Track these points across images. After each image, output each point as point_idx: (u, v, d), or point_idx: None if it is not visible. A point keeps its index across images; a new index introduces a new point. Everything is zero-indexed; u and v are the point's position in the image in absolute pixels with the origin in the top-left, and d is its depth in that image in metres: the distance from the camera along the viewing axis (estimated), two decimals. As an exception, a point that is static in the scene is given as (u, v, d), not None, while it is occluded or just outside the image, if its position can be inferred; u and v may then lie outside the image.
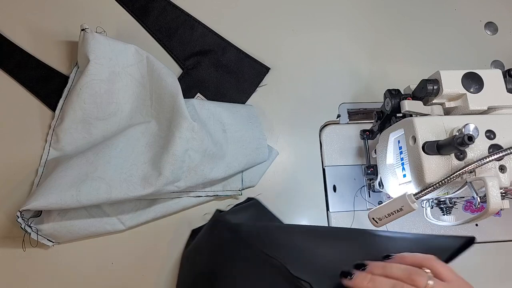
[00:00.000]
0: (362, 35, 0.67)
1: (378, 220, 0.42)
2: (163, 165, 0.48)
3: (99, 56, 0.52)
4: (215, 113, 0.56)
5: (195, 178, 0.50)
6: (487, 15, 0.71)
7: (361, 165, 0.59)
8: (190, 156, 0.49)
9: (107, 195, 0.46)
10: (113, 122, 0.54)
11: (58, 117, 0.54)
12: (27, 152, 0.54)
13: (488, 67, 0.68)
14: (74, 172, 0.47)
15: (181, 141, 0.48)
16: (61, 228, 0.49)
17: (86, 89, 0.51)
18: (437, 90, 0.44)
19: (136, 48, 0.54)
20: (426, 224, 0.57)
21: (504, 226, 0.59)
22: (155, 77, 0.54)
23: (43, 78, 0.57)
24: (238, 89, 0.61)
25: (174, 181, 0.49)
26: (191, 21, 0.63)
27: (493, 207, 0.37)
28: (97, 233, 0.51)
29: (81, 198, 0.45)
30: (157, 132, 0.53)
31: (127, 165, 0.49)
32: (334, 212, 0.57)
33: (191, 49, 0.62)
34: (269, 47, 0.64)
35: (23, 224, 0.46)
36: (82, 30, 0.52)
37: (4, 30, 0.58)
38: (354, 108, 0.63)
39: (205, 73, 0.61)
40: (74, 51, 0.58)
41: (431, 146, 0.39)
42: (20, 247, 0.50)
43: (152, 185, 0.47)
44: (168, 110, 0.52)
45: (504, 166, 0.40)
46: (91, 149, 0.50)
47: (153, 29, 0.62)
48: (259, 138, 0.57)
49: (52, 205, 0.44)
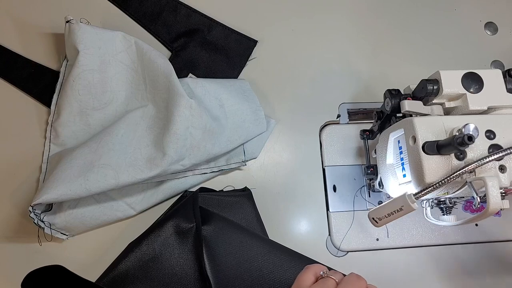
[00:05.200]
0: (362, 35, 0.67)
1: (378, 220, 0.42)
2: (166, 145, 0.48)
3: (88, 46, 0.51)
4: (210, 90, 0.56)
5: (199, 154, 0.51)
6: (487, 15, 0.71)
7: (361, 165, 0.59)
8: (192, 133, 0.50)
9: (115, 180, 0.46)
10: (110, 110, 0.54)
11: (54, 112, 0.54)
12: (28, 151, 0.54)
13: (488, 67, 0.68)
14: (79, 162, 0.47)
15: (181, 119, 0.49)
16: (73, 220, 0.49)
17: (79, 80, 0.51)
18: (437, 90, 0.44)
19: (123, 34, 0.54)
20: (426, 224, 0.57)
21: (504, 226, 0.59)
22: (146, 60, 0.53)
23: (34, 76, 0.57)
24: (229, 65, 0.62)
25: (179, 160, 0.49)
26: (174, 3, 0.62)
27: (493, 207, 0.37)
28: (109, 221, 0.52)
29: (90, 186, 0.45)
30: (156, 114, 0.53)
31: (131, 149, 0.49)
32: (334, 212, 0.57)
33: (177, 31, 0.62)
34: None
35: (36, 219, 0.46)
36: (67, 22, 0.51)
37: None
38: (354, 108, 0.63)
39: (194, 53, 0.61)
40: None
41: (431, 146, 0.39)
42: (36, 242, 0.50)
43: (158, 166, 0.48)
44: (164, 91, 0.52)
45: (504, 166, 0.40)
46: (93, 138, 0.50)
47: (136, 15, 0.62)
48: (256, 110, 0.57)
49: (62, 196, 0.44)
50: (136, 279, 0.46)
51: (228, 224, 0.50)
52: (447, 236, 0.58)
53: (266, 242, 0.50)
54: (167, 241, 0.48)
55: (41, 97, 0.56)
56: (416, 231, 0.57)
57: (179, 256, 0.47)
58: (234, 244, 0.48)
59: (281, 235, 0.55)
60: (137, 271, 0.46)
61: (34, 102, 0.56)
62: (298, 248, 0.51)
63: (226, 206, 0.54)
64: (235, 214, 0.53)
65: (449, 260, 0.58)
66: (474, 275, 0.57)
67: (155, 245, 0.47)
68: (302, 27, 0.66)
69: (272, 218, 0.56)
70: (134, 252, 0.47)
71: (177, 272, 0.47)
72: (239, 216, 0.54)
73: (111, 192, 0.52)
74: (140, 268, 0.46)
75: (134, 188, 0.53)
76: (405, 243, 0.57)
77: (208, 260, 0.47)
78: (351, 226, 0.56)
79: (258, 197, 0.56)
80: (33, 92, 0.57)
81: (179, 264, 0.47)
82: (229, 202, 0.54)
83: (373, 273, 0.55)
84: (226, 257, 0.47)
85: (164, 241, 0.48)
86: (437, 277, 0.57)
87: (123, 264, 0.46)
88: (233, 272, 0.47)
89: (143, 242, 0.47)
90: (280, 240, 0.52)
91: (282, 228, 0.56)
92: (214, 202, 0.53)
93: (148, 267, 0.46)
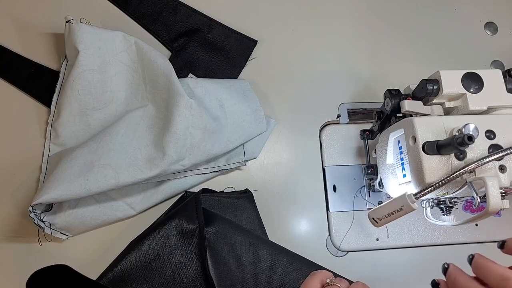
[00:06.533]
0: (362, 35, 0.67)
1: (378, 220, 0.42)
2: (166, 145, 0.48)
3: (88, 46, 0.51)
4: (209, 90, 0.56)
5: (199, 154, 0.51)
6: (487, 15, 0.71)
7: (361, 165, 0.59)
8: (192, 133, 0.50)
9: (115, 180, 0.46)
10: (110, 110, 0.54)
11: (54, 112, 0.54)
12: (28, 151, 0.54)
13: (488, 67, 0.68)
14: (79, 162, 0.47)
15: (181, 119, 0.49)
16: (73, 220, 0.49)
17: (79, 80, 0.51)
18: (437, 90, 0.44)
19: (123, 34, 0.54)
20: (426, 224, 0.57)
21: (504, 226, 0.59)
22: (146, 60, 0.53)
23: (34, 76, 0.57)
24: (229, 65, 0.62)
25: (179, 160, 0.50)
26: (174, 3, 0.62)
27: (493, 207, 0.37)
28: (108, 221, 0.52)
29: (90, 186, 0.45)
30: (156, 114, 0.53)
31: (131, 149, 0.49)
32: (334, 212, 0.57)
33: (177, 31, 0.62)
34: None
35: (36, 219, 0.46)
36: (67, 22, 0.51)
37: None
38: (354, 108, 0.63)
39: (194, 53, 0.61)
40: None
41: (431, 146, 0.39)
42: (36, 242, 0.50)
43: (158, 166, 0.48)
44: (164, 91, 0.52)
45: (504, 166, 0.40)
46: (92, 138, 0.50)
47: (136, 15, 0.62)
48: (256, 110, 0.57)
49: (62, 196, 0.44)
50: (136, 279, 0.46)
51: (231, 225, 0.50)
52: (447, 236, 0.58)
53: (269, 244, 0.50)
54: (170, 242, 0.48)
55: (41, 97, 0.56)
56: (416, 231, 0.57)
57: (182, 257, 0.47)
58: (237, 246, 0.48)
59: (281, 235, 0.55)
60: (138, 271, 0.46)
61: (34, 102, 0.56)
62: (298, 248, 0.51)
63: (228, 207, 0.54)
64: (236, 216, 0.53)
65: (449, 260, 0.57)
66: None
67: (157, 245, 0.47)
68: (302, 27, 0.66)
69: (272, 218, 0.56)
70: (135, 252, 0.47)
71: (179, 273, 0.47)
72: (240, 218, 0.53)
73: (111, 192, 0.52)
74: (141, 268, 0.46)
75: (134, 188, 0.53)
76: (405, 243, 0.57)
77: (211, 261, 0.47)
78: (351, 226, 0.56)
79: (258, 197, 0.56)
80: (33, 92, 0.56)
81: (181, 265, 0.47)
82: (231, 203, 0.54)
83: (373, 273, 0.55)
84: (228, 258, 0.47)
85: (166, 242, 0.48)
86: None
87: (123, 263, 0.46)
88: (235, 274, 0.47)
89: (145, 242, 0.47)
90: (280, 240, 0.52)
91: (282, 228, 0.56)
92: (215, 204, 0.53)
93: (149, 267, 0.46)
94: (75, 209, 0.50)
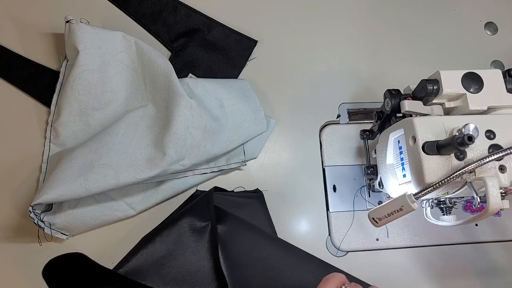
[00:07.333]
0: (362, 35, 0.67)
1: (378, 220, 0.42)
2: (166, 145, 0.48)
3: (88, 46, 0.51)
4: (209, 90, 0.56)
5: (199, 154, 0.51)
6: (487, 15, 0.71)
7: (361, 165, 0.59)
8: (192, 133, 0.50)
9: (115, 180, 0.46)
10: (110, 110, 0.54)
11: (54, 112, 0.54)
12: (28, 151, 0.54)
13: (488, 67, 0.68)
14: (79, 162, 0.47)
15: (181, 119, 0.49)
16: (73, 220, 0.49)
17: (79, 80, 0.51)
18: (437, 90, 0.44)
19: (123, 34, 0.54)
20: (426, 224, 0.57)
21: (504, 226, 0.59)
22: (146, 60, 0.53)
23: (34, 76, 0.57)
24: (229, 65, 0.62)
25: (179, 160, 0.50)
26: (174, 3, 0.62)
27: (493, 207, 0.37)
28: (108, 221, 0.52)
29: (90, 186, 0.45)
30: (156, 114, 0.53)
31: (131, 149, 0.49)
32: (334, 212, 0.57)
33: (177, 31, 0.62)
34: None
35: (36, 219, 0.46)
36: (67, 22, 0.51)
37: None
38: (354, 108, 0.63)
39: (194, 53, 0.61)
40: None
41: (431, 146, 0.39)
42: (36, 242, 0.50)
43: (158, 166, 0.48)
44: (164, 91, 0.52)
45: (504, 166, 0.40)
46: (92, 138, 0.50)
47: (136, 15, 0.62)
48: (256, 110, 0.57)
49: (62, 196, 0.44)
50: (148, 275, 0.46)
51: (242, 223, 0.50)
52: (447, 236, 0.58)
53: (279, 243, 0.50)
54: (181, 239, 0.48)
55: (41, 97, 0.56)
56: (416, 231, 0.57)
57: (193, 253, 0.48)
58: (248, 244, 0.48)
59: (281, 235, 0.55)
60: (149, 267, 0.46)
61: (34, 102, 0.56)
62: (298, 248, 0.51)
63: (239, 206, 0.54)
64: (247, 215, 0.53)
65: (449, 260, 0.58)
66: (474, 275, 0.57)
67: (169, 242, 0.48)
68: (302, 27, 0.66)
69: (272, 218, 0.56)
70: (147, 248, 0.47)
71: (190, 269, 0.47)
72: (251, 217, 0.53)
73: (111, 192, 0.52)
74: (153, 264, 0.47)
75: (134, 188, 0.53)
76: (405, 243, 0.57)
77: (223, 258, 0.47)
78: (351, 226, 0.56)
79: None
80: (33, 92, 0.56)
81: (193, 261, 0.47)
82: (242, 203, 0.54)
83: (373, 273, 0.55)
84: (240, 256, 0.47)
85: (178, 239, 0.48)
86: (437, 277, 0.57)
87: (135, 259, 0.46)
88: (247, 271, 0.47)
89: (156, 238, 0.48)
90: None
91: (282, 228, 0.56)
92: (226, 202, 0.53)
93: (161, 264, 0.47)
94: (75, 209, 0.50)
